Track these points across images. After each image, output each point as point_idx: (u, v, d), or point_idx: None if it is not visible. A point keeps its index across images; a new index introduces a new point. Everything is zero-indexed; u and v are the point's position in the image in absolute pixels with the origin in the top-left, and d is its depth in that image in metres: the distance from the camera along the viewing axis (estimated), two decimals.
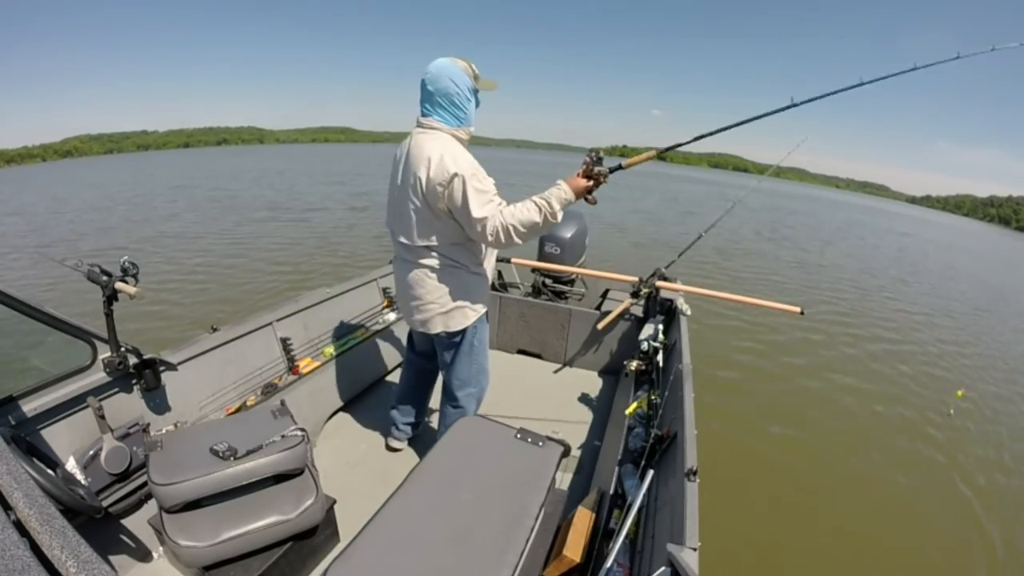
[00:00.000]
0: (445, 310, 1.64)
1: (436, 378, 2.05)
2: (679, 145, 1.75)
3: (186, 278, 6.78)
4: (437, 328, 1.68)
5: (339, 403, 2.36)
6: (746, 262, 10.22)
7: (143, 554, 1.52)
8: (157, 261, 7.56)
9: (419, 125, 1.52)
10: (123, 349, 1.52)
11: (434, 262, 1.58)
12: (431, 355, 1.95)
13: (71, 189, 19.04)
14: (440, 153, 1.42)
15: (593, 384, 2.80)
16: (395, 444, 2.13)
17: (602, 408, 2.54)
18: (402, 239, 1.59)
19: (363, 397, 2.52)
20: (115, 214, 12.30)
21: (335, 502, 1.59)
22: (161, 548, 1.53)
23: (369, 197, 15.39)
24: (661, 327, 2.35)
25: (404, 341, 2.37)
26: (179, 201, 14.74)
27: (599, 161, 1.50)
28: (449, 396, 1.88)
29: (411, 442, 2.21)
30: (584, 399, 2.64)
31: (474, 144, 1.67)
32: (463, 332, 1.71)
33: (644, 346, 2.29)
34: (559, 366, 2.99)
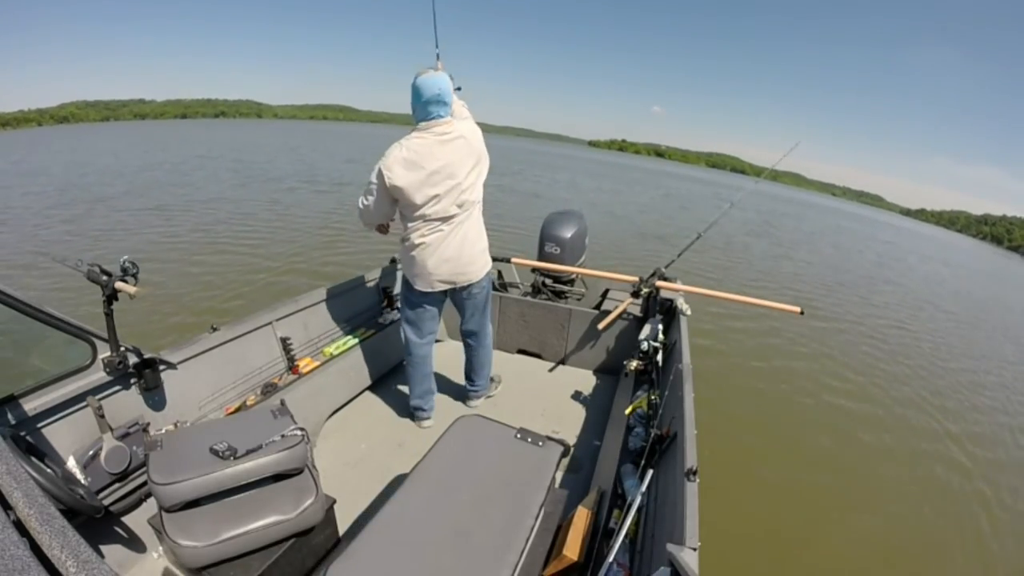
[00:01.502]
0: (487, 248, 2.09)
1: (434, 357, 2.33)
2: None
3: (239, 240, 7.48)
4: (484, 270, 2.08)
5: (339, 403, 2.36)
6: (732, 258, 10.51)
7: (143, 554, 1.52)
8: (203, 224, 8.28)
9: (440, 124, 1.81)
10: (123, 349, 1.52)
11: (479, 209, 2.01)
12: (434, 331, 2.25)
13: (85, 155, 19.32)
14: (474, 134, 1.90)
15: (593, 384, 2.80)
16: (426, 424, 2.36)
17: (602, 408, 2.54)
18: (460, 206, 1.90)
19: (363, 397, 2.52)
20: (141, 178, 12.92)
21: (335, 502, 1.58)
22: (161, 547, 1.53)
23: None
24: (661, 327, 2.35)
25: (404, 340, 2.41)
26: (207, 169, 15.48)
27: None
28: (478, 338, 2.30)
29: (411, 442, 2.22)
30: (584, 399, 2.64)
31: None
32: (488, 273, 2.13)
33: (644, 346, 2.29)
34: (559, 366, 2.99)
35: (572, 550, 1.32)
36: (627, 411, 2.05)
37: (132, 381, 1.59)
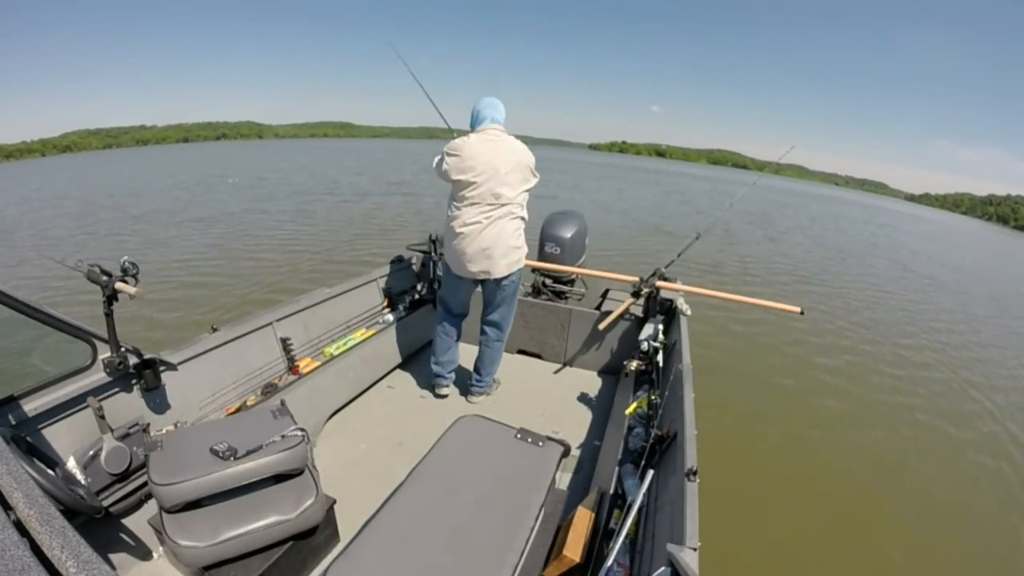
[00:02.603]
0: (522, 247, 2.26)
1: (461, 331, 2.53)
2: None
3: (283, 240, 8.63)
4: (516, 267, 2.25)
5: (339, 403, 2.36)
6: (730, 249, 10.64)
7: (143, 554, 1.52)
8: (246, 231, 9.28)
9: (493, 129, 2.17)
10: (123, 349, 1.52)
11: (519, 212, 2.21)
12: (463, 313, 2.49)
13: (102, 180, 19.94)
14: (523, 149, 2.20)
15: (593, 384, 2.80)
16: (444, 392, 2.56)
17: (602, 408, 2.54)
18: (502, 199, 2.13)
19: (363, 397, 2.52)
20: (167, 197, 13.74)
21: (335, 502, 1.59)
22: (161, 548, 1.53)
23: (399, 186, 17.70)
24: (661, 327, 2.35)
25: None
26: (229, 187, 16.28)
27: None
28: (498, 329, 2.46)
29: (411, 442, 2.22)
30: (584, 399, 2.64)
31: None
32: (519, 272, 2.30)
33: (644, 346, 2.29)
34: (559, 366, 2.99)
35: (573, 551, 1.32)
36: (627, 411, 2.05)
37: (132, 382, 1.59)
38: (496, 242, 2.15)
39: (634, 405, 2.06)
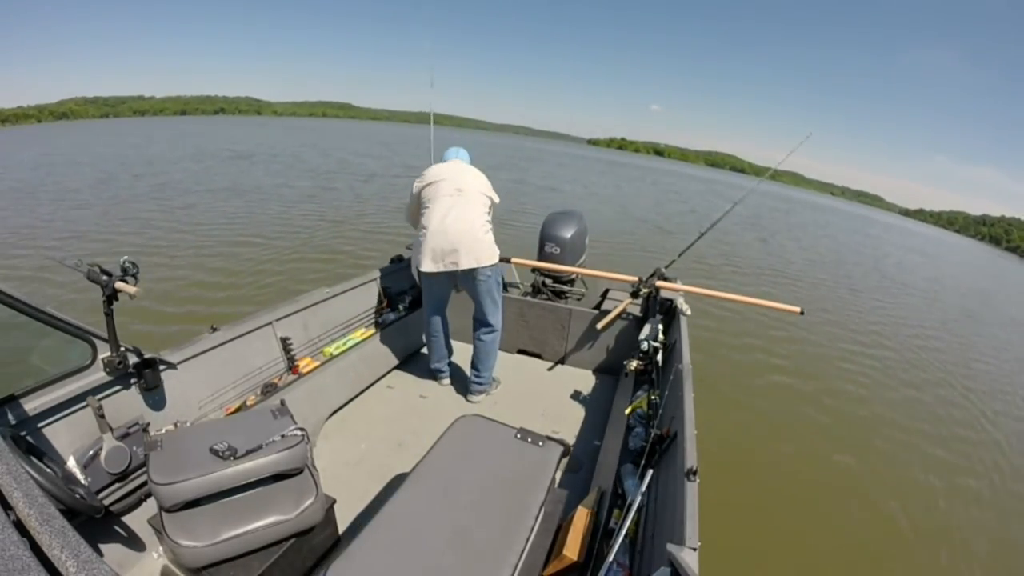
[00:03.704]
0: (492, 246, 2.35)
1: (448, 326, 2.62)
2: None
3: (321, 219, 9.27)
4: (485, 261, 2.31)
5: (339, 403, 2.36)
6: (724, 249, 10.82)
7: (143, 554, 1.52)
8: (286, 203, 10.13)
9: (450, 161, 2.47)
10: (123, 349, 1.52)
11: (484, 211, 2.37)
12: (443, 310, 2.55)
13: (108, 149, 19.88)
14: (479, 174, 2.44)
15: (593, 384, 2.80)
16: (443, 391, 2.67)
17: (602, 408, 2.54)
18: (463, 190, 2.31)
19: (363, 397, 2.52)
20: (178, 168, 14.16)
21: (335, 502, 1.59)
22: (161, 548, 1.53)
23: (407, 169, 18.23)
24: (661, 327, 2.35)
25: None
26: (244, 161, 16.85)
27: None
28: (485, 325, 2.50)
29: (411, 442, 2.22)
30: (584, 399, 2.64)
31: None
32: (494, 266, 2.37)
33: (644, 346, 2.29)
34: (559, 366, 2.99)
35: (572, 550, 1.32)
36: (627, 411, 2.05)
37: (132, 381, 1.59)
38: (462, 237, 2.25)
39: (634, 405, 2.06)
